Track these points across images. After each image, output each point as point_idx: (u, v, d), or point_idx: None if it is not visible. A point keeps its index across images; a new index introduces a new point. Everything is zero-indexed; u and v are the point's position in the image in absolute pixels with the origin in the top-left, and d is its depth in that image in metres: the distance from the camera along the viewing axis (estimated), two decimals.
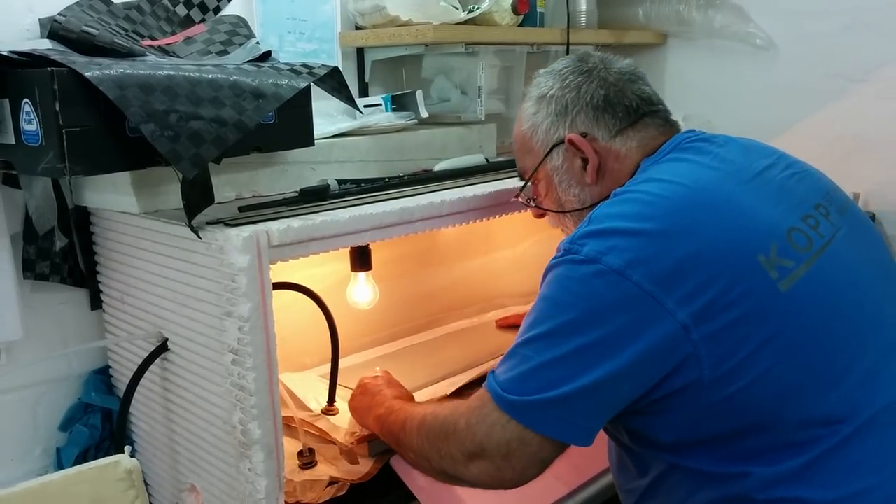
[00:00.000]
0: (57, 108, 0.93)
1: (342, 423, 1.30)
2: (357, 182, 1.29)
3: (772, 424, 0.90)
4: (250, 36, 1.34)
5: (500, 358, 1.48)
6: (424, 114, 1.57)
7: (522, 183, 1.21)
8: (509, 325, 1.71)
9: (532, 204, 1.22)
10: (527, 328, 0.94)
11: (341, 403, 1.36)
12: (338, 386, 1.36)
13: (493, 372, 0.96)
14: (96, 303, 1.34)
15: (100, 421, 1.34)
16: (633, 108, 1.09)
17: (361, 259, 1.40)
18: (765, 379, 0.89)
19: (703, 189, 0.96)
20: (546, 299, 0.93)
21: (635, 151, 1.08)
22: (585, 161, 1.09)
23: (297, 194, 1.20)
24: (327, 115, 1.49)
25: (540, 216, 1.23)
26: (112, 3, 1.27)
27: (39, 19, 1.22)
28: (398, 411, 1.11)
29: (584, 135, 1.09)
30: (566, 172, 1.12)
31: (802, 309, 0.91)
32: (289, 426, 1.26)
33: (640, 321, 0.87)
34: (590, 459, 1.21)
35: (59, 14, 1.18)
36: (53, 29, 1.12)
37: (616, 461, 1.10)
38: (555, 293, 0.92)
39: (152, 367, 1.17)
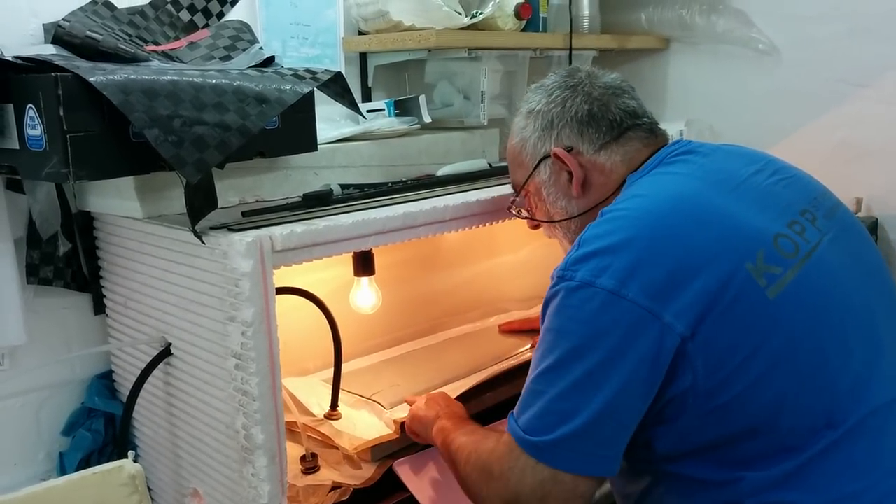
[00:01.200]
0: (61, 114, 0.93)
1: (345, 427, 1.30)
2: (360, 187, 1.30)
3: (764, 431, 0.91)
4: (254, 41, 1.34)
5: (503, 361, 1.49)
6: (427, 119, 1.57)
7: (514, 195, 1.23)
8: (512, 329, 1.71)
9: (524, 215, 1.24)
10: (536, 363, 0.95)
11: (344, 408, 1.36)
12: (340, 390, 1.36)
13: (512, 413, 0.96)
14: (99, 307, 1.34)
15: (103, 426, 1.34)
16: (616, 122, 1.10)
17: (364, 264, 1.40)
18: (757, 386, 0.89)
19: (688, 200, 0.97)
20: (550, 331, 0.94)
21: (620, 165, 1.09)
22: (571, 174, 1.11)
23: (300, 199, 1.20)
24: (330, 119, 1.50)
25: (534, 227, 1.25)
26: (116, 8, 1.27)
27: (43, 24, 1.22)
28: (455, 433, 1.10)
29: (569, 149, 1.10)
30: (553, 185, 1.14)
31: (791, 316, 0.91)
32: (292, 431, 1.26)
33: (641, 336, 0.88)
34: None
35: (63, 19, 1.19)
36: (57, 34, 1.13)
37: None
38: (557, 324, 0.93)
39: (155, 372, 1.17)
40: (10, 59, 1.01)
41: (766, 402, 0.90)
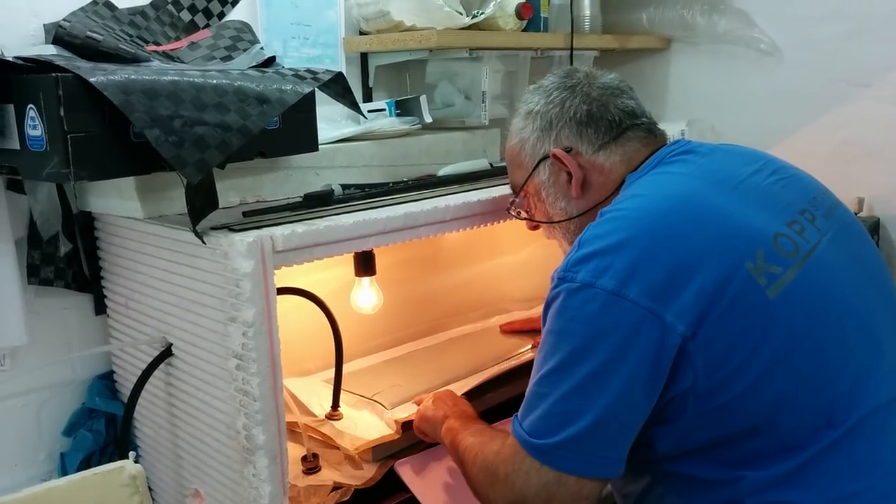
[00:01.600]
0: (61, 114, 0.93)
1: (346, 428, 1.30)
2: (361, 187, 1.29)
3: (764, 430, 0.91)
4: (254, 41, 1.34)
5: (504, 361, 1.48)
6: (428, 119, 1.57)
7: (513, 196, 1.23)
8: (513, 330, 1.70)
9: (523, 216, 1.24)
10: (539, 366, 0.95)
11: (345, 408, 1.36)
12: (342, 391, 1.36)
13: (516, 416, 0.97)
14: (100, 308, 1.34)
15: (104, 426, 1.34)
16: (615, 123, 1.10)
17: (365, 264, 1.40)
18: (757, 386, 0.90)
19: (688, 200, 0.98)
20: (552, 333, 0.94)
21: (619, 165, 1.10)
22: (570, 175, 1.11)
23: (301, 199, 1.20)
24: (331, 120, 1.49)
25: (534, 228, 1.25)
26: (116, 8, 1.27)
27: (44, 25, 1.22)
28: (463, 433, 1.10)
29: (567, 149, 1.11)
30: (553, 186, 1.14)
31: (791, 315, 0.91)
32: (293, 431, 1.26)
33: (643, 337, 0.88)
34: None
35: (64, 19, 1.19)
36: (58, 34, 1.13)
37: None
38: (559, 326, 0.93)
39: (156, 373, 1.17)
40: (10, 59, 1.01)
41: (767, 402, 0.90)
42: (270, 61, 1.24)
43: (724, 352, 0.89)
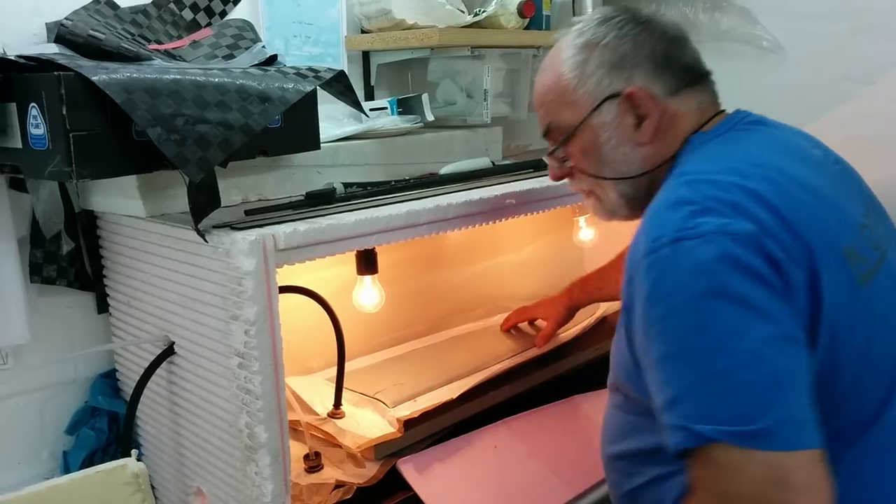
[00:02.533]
0: (64, 112, 0.94)
1: (348, 426, 1.30)
2: (363, 185, 1.29)
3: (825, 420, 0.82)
4: (256, 40, 1.34)
5: (506, 360, 1.47)
6: (430, 117, 1.57)
7: (555, 141, 1.06)
8: (511, 325, 1.70)
9: (567, 164, 1.07)
10: (679, 349, 0.80)
11: (347, 407, 1.36)
12: (344, 389, 1.36)
13: (675, 427, 0.79)
14: (103, 306, 1.34)
15: (106, 424, 1.34)
16: (690, 68, 1.01)
17: (367, 262, 1.40)
18: (831, 373, 0.83)
19: (787, 174, 0.89)
20: (692, 304, 0.79)
21: (693, 115, 1.00)
22: (640, 119, 0.99)
23: (303, 198, 1.20)
24: (333, 118, 1.50)
25: (558, 178, 1.11)
26: (118, 7, 1.27)
27: (46, 24, 1.22)
28: None
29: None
30: (616, 129, 1.00)
31: (872, 308, 0.86)
32: (295, 430, 1.26)
33: (786, 283, 0.80)
34: (597, 463, 1.21)
35: (66, 18, 1.19)
36: (60, 33, 1.13)
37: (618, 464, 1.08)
38: (701, 286, 0.78)
39: (159, 371, 1.17)
40: (13, 58, 1.01)
41: (836, 391, 0.84)
42: (272, 60, 1.24)
43: (816, 331, 0.82)
